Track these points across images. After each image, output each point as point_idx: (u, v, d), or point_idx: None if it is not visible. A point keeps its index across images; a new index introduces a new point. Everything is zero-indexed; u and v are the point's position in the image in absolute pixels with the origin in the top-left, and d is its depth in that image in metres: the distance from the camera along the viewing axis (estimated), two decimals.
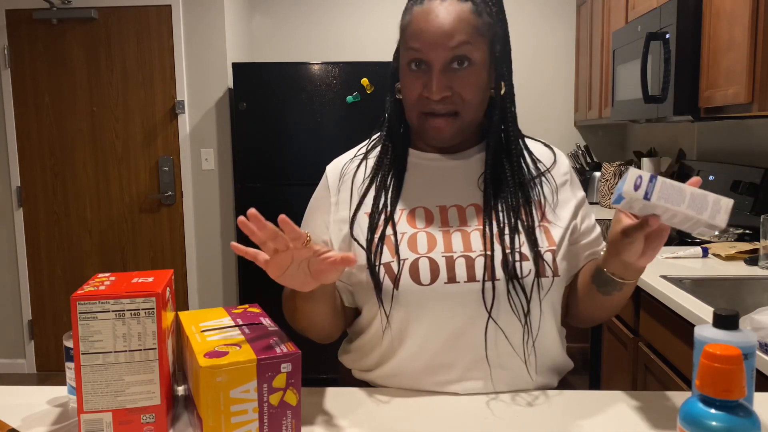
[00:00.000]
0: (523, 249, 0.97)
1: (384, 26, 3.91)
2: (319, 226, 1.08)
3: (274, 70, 3.26)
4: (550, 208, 1.03)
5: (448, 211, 1.01)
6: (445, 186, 1.04)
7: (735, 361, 0.60)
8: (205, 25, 3.45)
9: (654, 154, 3.15)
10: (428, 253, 0.96)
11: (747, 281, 1.75)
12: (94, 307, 0.80)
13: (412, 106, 0.99)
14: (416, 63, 0.96)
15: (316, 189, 1.13)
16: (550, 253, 0.98)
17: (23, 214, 3.60)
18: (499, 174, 1.02)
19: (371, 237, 0.99)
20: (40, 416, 0.91)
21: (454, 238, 0.98)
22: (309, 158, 3.31)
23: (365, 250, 0.99)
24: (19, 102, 3.52)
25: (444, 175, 1.05)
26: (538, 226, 1.00)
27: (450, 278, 0.95)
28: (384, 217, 1.00)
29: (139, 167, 3.55)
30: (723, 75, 1.96)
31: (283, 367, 0.77)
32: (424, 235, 0.98)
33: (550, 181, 1.05)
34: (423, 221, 1.00)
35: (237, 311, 0.95)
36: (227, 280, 3.61)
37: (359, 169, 1.08)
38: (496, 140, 1.02)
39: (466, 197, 1.03)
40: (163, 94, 3.49)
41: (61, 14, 3.41)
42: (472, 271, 0.95)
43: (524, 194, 1.01)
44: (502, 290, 0.95)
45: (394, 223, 1.00)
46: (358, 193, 1.05)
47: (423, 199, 1.03)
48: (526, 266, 0.96)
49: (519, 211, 0.99)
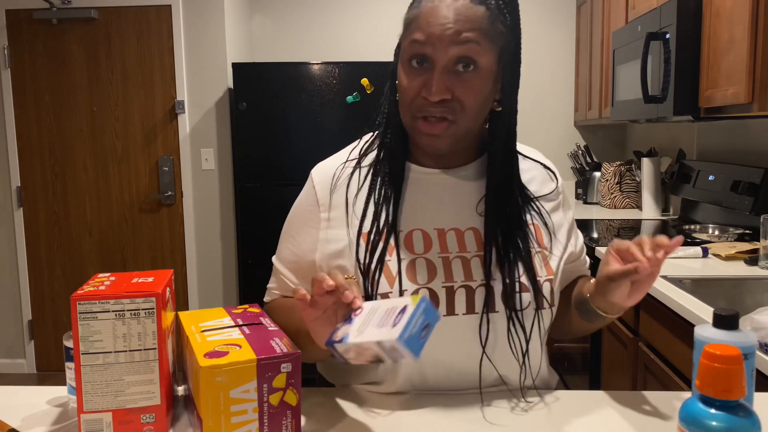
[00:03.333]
0: (522, 279, 0.94)
1: (384, 26, 3.91)
2: (308, 243, 1.01)
3: (274, 70, 3.26)
4: (546, 233, 1.00)
5: (446, 235, 0.96)
6: (443, 206, 0.98)
7: (735, 361, 0.60)
8: (205, 25, 3.45)
9: (654, 154, 3.15)
10: (428, 283, 0.92)
11: (747, 281, 1.75)
12: (94, 307, 0.80)
13: (407, 106, 0.92)
14: (418, 59, 0.89)
15: (301, 197, 1.05)
16: (548, 282, 0.96)
17: (23, 214, 3.60)
18: (500, 198, 0.97)
19: (368, 262, 0.93)
20: (40, 416, 0.91)
21: (454, 266, 0.94)
22: (309, 158, 3.28)
23: (363, 278, 0.93)
24: (19, 102, 3.52)
25: (442, 195, 0.99)
26: (536, 253, 0.96)
27: (449, 311, 0.92)
28: (382, 240, 0.94)
29: (139, 167, 3.55)
30: (723, 75, 1.96)
31: (283, 367, 0.77)
32: (423, 262, 0.93)
33: (544, 205, 1.01)
34: (422, 246, 0.95)
35: (237, 311, 0.95)
36: (227, 280, 3.61)
37: (352, 178, 1.00)
38: (499, 160, 0.96)
39: (464, 220, 0.97)
40: (163, 94, 3.49)
41: (61, 14, 3.41)
42: (471, 303, 0.92)
43: (522, 220, 0.97)
44: (502, 324, 0.93)
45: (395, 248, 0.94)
46: (354, 210, 0.98)
47: (421, 221, 0.97)
48: (525, 298, 0.93)
49: (518, 238, 0.95)
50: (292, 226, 1.06)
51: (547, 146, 3.98)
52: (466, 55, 0.87)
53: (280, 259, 1.08)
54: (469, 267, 0.94)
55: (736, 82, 1.86)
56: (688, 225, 2.57)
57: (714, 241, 2.25)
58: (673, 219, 2.94)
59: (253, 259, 3.37)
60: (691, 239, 2.32)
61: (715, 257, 2.00)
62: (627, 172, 3.35)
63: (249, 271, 3.39)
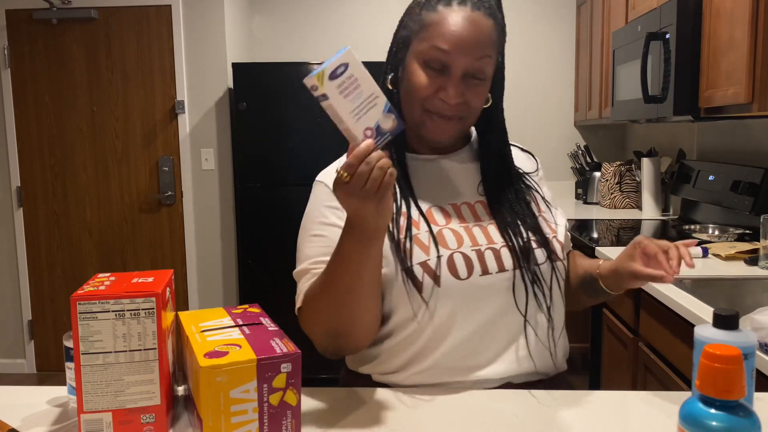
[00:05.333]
0: (534, 238, 1.03)
1: (384, 26, 3.91)
2: (335, 233, 0.98)
3: (274, 70, 3.26)
4: (543, 201, 1.11)
5: (461, 208, 1.05)
6: (449, 185, 1.07)
7: (735, 361, 0.60)
8: (205, 25, 3.45)
9: (654, 154, 3.15)
10: (459, 248, 0.99)
11: (747, 281, 1.75)
12: (94, 307, 0.80)
13: (420, 101, 0.99)
14: (435, 64, 0.97)
15: (313, 200, 1.06)
16: (555, 239, 1.06)
17: (23, 214, 3.60)
18: (497, 176, 1.08)
19: (398, 239, 0.98)
20: (40, 416, 0.91)
21: (476, 232, 1.01)
22: (309, 158, 3.31)
23: (396, 253, 0.97)
24: (19, 102, 3.52)
25: (444, 175, 1.08)
26: (538, 216, 1.07)
27: (483, 270, 0.98)
28: (405, 217, 1.00)
29: (139, 167, 3.55)
30: (723, 75, 1.96)
31: (283, 367, 0.77)
32: (449, 231, 1.00)
33: (533, 180, 1.14)
34: (443, 218, 1.02)
35: (237, 311, 0.95)
36: (227, 280, 3.61)
37: None
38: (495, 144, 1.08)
39: (471, 195, 1.07)
40: (163, 94, 3.49)
41: (61, 14, 3.41)
42: (500, 262, 1.00)
43: (521, 191, 1.08)
44: (531, 275, 1.01)
45: (420, 221, 1.01)
46: None
47: (435, 198, 1.05)
48: (540, 254, 1.02)
49: (522, 205, 1.06)
50: (312, 226, 1.04)
51: (547, 146, 3.98)
52: (480, 69, 0.97)
53: (307, 259, 1.02)
54: (488, 232, 1.02)
55: (736, 82, 1.86)
56: (688, 225, 2.56)
57: (714, 241, 2.25)
58: (673, 219, 2.94)
59: (253, 259, 3.37)
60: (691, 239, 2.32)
61: (715, 257, 2.00)
62: (627, 172, 3.35)
63: (249, 271, 3.39)
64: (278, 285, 3.38)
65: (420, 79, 0.98)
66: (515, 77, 3.92)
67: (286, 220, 3.34)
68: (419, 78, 0.98)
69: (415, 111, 1.00)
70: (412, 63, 1.00)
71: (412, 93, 1.00)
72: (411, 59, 1.00)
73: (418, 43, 0.99)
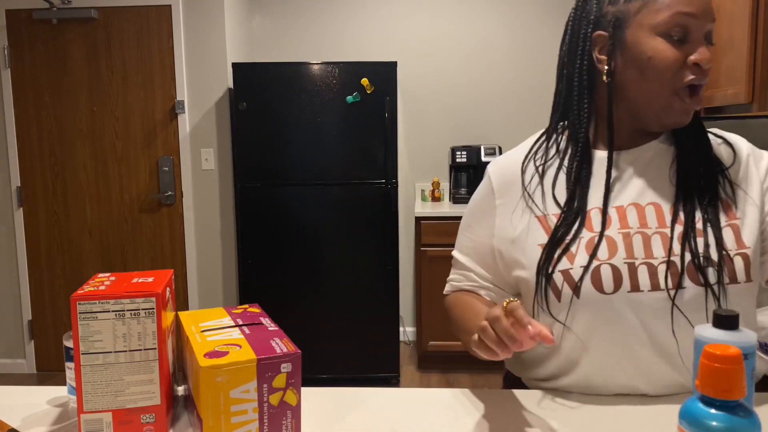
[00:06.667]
0: (711, 253, 0.90)
1: (384, 26, 3.91)
2: (484, 229, 1.03)
3: (274, 70, 3.26)
4: (734, 204, 0.94)
5: (626, 211, 0.95)
6: (622, 185, 0.97)
7: (735, 361, 0.60)
8: (205, 25, 3.45)
9: None
10: (609, 259, 0.91)
11: None
12: (94, 307, 0.80)
13: (670, 79, 0.89)
14: (678, 32, 0.88)
15: (478, 190, 1.07)
16: (740, 256, 0.91)
17: (23, 214, 3.60)
18: (690, 164, 0.95)
19: (549, 242, 0.94)
20: (40, 416, 0.91)
21: (635, 242, 0.92)
22: (309, 158, 3.31)
23: (544, 258, 0.94)
24: (19, 102, 3.52)
25: (631, 168, 0.98)
26: (725, 226, 0.92)
27: (633, 286, 0.90)
28: (568, 222, 0.94)
29: (139, 167, 3.55)
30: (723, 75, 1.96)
31: (283, 367, 0.77)
32: (603, 239, 0.93)
33: (732, 175, 0.97)
34: (599, 224, 0.94)
35: (237, 311, 0.95)
36: (227, 280, 3.61)
37: (528, 172, 1.01)
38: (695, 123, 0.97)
39: (645, 195, 0.95)
40: (163, 94, 3.49)
41: (61, 14, 3.41)
42: (655, 279, 0.90)
43: (713, 191, 0.94)
44: (690, 299, 0.90)
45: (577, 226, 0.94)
46: (536, 198, 0.99)
47: (599, 200, 0.96)
48: (713, 273, 0.89)
49: (707, 212, 0.92)
50: (470, 216, 1.09)
51: None
52: (712, 30, 0.91)
53: (459, 249, 1.11)
54: (650, 243, 0.92)
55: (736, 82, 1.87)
56: None
57: None
58: None
59: (253, 259, 3.37)
60: None
61: None
62: None
63: (249, 271, 3.39)
64: (278, 285, 3.38)
65: (666, 53, 0.88)
66: (515, 77, 3.92)
67: (286, 220, 3.34)
68: (665, 52, 0.89)
69: (663, 92, 0.90)
70: (644, 40, 0.90)
71: (657, 72, 0.89)
72: (640, 36, 0.90)
73: (646, 16, 0.89)
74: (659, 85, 0.90)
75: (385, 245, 3.35)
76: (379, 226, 3.34)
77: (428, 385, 3.35)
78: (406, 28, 3.91)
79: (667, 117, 0.92)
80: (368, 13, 3.94)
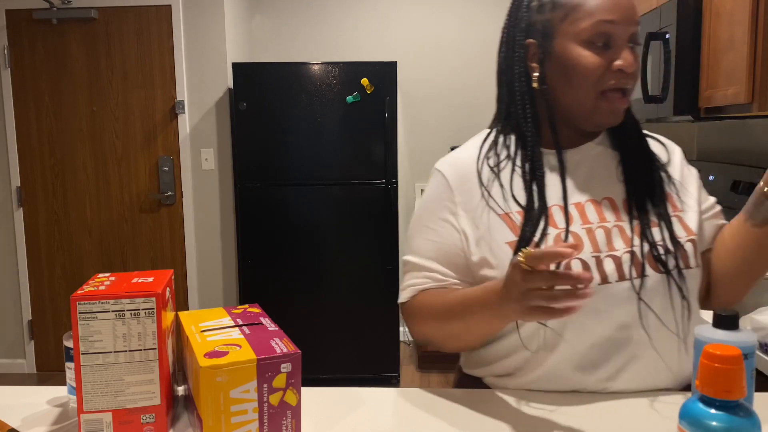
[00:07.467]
0: (666, 242, 0.95)
1: (384, 26, 3.91)
2: (447, 229, 1.01)
3: (274, 70, 3.26)
4: (678, 198, 1.01)
5: (585, 207, 0.98)
6: (581, 180, 1.00)
7: (735, 361, 0.60)
8: (205, 25, 3.45)
9: None
10: (578, 254, 0.92)
11: None
12: (94, 307, 0.80)
13: (593, 84, 0.93)
14: (601, 39, 0.92)
15: (430, 190, 1.06)
16: (690, 242, 0.97)
17: (23, 214, 3.60)
18: (634, 162, 1.00)
19: (519, 240, 0.94)
20: (40, 416, 0.91)
21: (598, 237, 0.95)
22: (309, 158, 3.31)
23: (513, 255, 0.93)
24: (19, 102, 3.52)
25: (579, 168, 1.01)
26: (672, 216, 0.98)
27: (602, 278, 0.93)
28: (533, 220, 0.95)
29: (139, 167, 3.55)
30: (723, 75, 1.96)
31: (283, 367, 0.77)
32: (569, 235, 0.95)
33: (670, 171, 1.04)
34: (563, 221, 0.96)
35: (237, 311, 0.95)
36: (227, 280, 3.61)
37: (484, 170, 1.02)
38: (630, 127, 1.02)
39: (602, 190, 1.00)
40: (163, 94, 3.49)
41: (61, 14, 3.41)
42: (621, 270, 0.93)
43: (659, 186, 1.00)
44: (653, 286, 0.93)
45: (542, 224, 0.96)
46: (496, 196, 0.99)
47: (557, 198, 0.98)
48: (672, 260, 0.95)
49: (657, 204, 0.98)
50: (427, 218, 1.04)
51: None
52: (638, 33, 0.94)
53: (417, 253, 1.04)
54: (611, 236, 0.96)
55: (736, 82, 1.86)
56: None
57: None
58: None
59: (253, 259, 3.37)
60: None
61: None
62: None
63: (249, 271, 3.39)
64: (278, 285, 3.38)
65: (588, 59, 0.93)
66: None
67: (286, 220, 3.34)
68: (587, 59, 0.93)
69: (588, 97, 0.94)
70: (569, 48, 0.94)
71: (582, 78, 0.93)
72: (565, 45, 0.94)
73: (569, 25, 0.93)
74: (584, 90, 0.94)
75: (385, 245, 3.35)
76: (379, 226, 3.34)
77: (428, 385, 3.35)
78: (406, 28, 3.91)
79: (598, 118, 0.96)
80: (368, 14, 3.94)
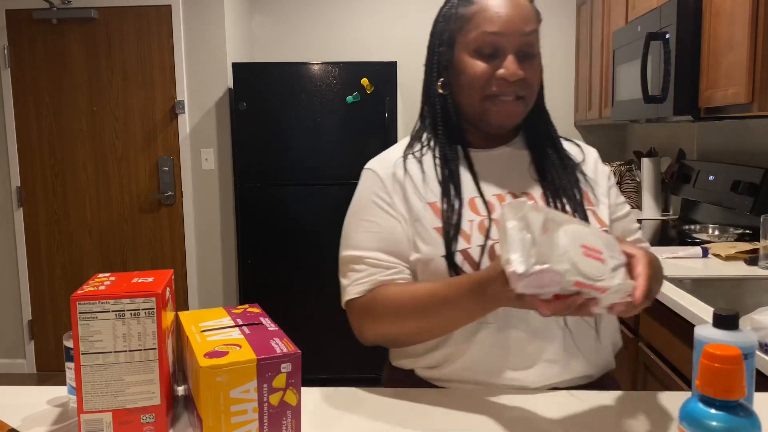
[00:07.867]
0: None
1: (384, 26, 3.91)
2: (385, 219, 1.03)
3: (274, 70, 3.26)
4: (593, 194, 1.08)
5: (505, 198, 1.03)
6: (495, 177, 1.06)
7: (735, 361, 0.60)
8: (205, 25, 3.45)
9: (654, 154, 3.15)
10: None
11: (747, 281, 1.75)
12: (94, 307, 0.80)
13: (479, 89, 1.00)
14: (488, 49, 0.99)
15: (362, 187, 1.09)
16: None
17: (23, 214, 3.60)
18: (546, 162, 1.06)
19: (446, 226, 0.99)
20: (40, 416, 0.91)
21: None
22: (309, 158, 3.30)
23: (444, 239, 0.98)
24: (19, 102, 3.52)
25: (491, 167, 1.07)
26: (587, 209, 1.04)
27: None
28: (453, 208, 1.00)
29: (139, 167, 3.55)
30: (723, 75, 1.96)
31: (283, 367, 0.77)
32: (492, 222, 1.00)
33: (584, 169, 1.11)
34: (485, 210, 1.01)
35: (237, 311, 0.95)
36: (227, 280, 3.61)
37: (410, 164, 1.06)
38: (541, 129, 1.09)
39: (517, 186, 1.05)
40: (163, 94, 3.49)
41: (61, 14, 3.41)
42: None
43: (573, 182, 1.06)
44: None
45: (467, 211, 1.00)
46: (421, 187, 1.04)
47: (473, 191, 1.04)
48: None
49: (571, 198, 1.04)
50: (364, 212, 1.06)
51: None
52: (530, 44, 1.00)
53: (360, 247, 1.03)
54: None
55: (736, 82, 1.86)
56: (688, 225, 2.56)
57: (714, 241, 2.25)
58: (673, 219, 2.94)
59: (253, 259, 3.37)
60: (691, 239, 2.32)
61: (715, 257, 2.00)
62: (627, 172, 3.35)
63: (249, 271, 3.39)
64: (278, 285, 3.38)
65: (475, 67, 1.00)
66: None
67: (286, 220, 3.34)
68: (474, 67, 1.00)
69: (475, 100, 1.02)
70: (462, 57, 1.02)
71: (469, 84, 1.01)
72: (460, 55, 1.02)
73: (463, 36, 1.01)
74: (471, 95, 1.02)
75: None
76: None
77: None
78: (406, 28, 3.91)
79: (489, 119, 1.02)
80: (368, 13, 3.93)
